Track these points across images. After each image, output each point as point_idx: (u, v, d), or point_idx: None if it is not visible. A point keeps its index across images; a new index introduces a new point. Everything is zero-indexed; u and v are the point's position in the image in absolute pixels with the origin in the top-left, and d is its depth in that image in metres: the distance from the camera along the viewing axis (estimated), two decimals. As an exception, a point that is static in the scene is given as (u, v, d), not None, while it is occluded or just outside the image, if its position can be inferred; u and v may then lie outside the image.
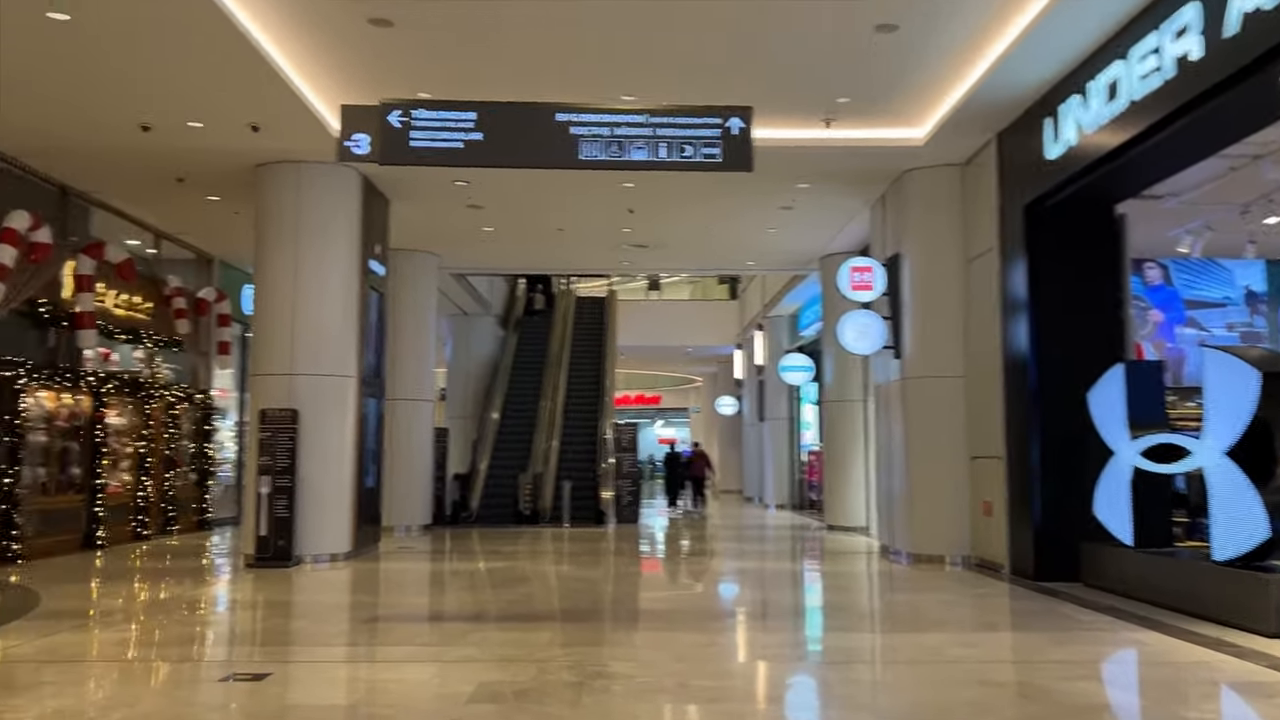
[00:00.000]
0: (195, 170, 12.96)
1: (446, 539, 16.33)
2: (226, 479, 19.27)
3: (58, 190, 13.52)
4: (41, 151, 12.24)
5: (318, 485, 12.32)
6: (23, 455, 12.46)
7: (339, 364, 12.68)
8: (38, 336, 13.33)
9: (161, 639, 7.54)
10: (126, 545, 14.50)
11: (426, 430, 17.84)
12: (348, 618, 8.60)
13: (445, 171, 12.91)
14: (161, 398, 16.16)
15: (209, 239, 17.18)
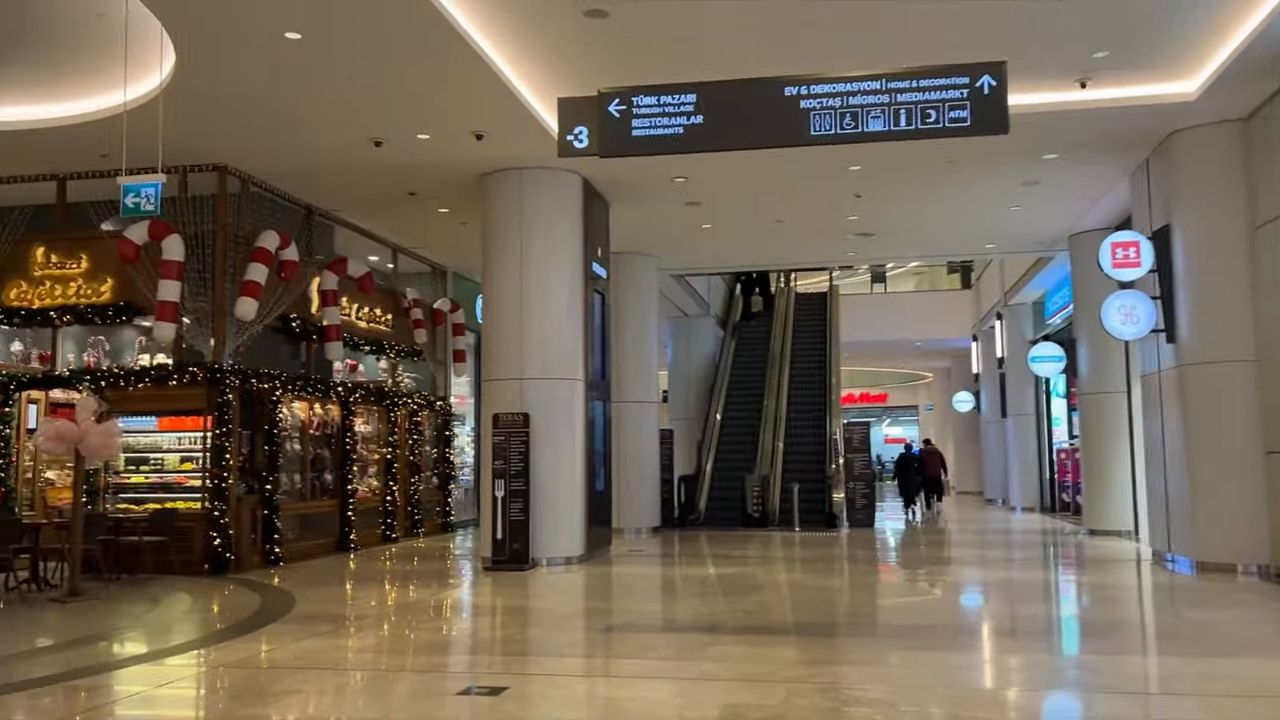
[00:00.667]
0: (425, 183, 13.33)
1: (675, 542, 16.09)
2: (466, 482, 19.95)
3: (303, 210, 14.30)
4: (288, 174, 12.93)
5: (549, 488, 12.34)
6: (281, 463, 13.20)
7: (566, 367, 12.66)
8: (290, 350, 14.14)
9: (404, 645, 7.58)
10: (376, 548, 15.14)
11: (652, 432, 17.70)
12: (583, 626, 8.41)
13: (663, 169, 12.65)
14: (404, 405, 16.84)
15: (442, 251, 17.77)
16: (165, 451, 12.60)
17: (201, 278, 12.31)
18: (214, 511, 11.93)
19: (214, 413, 12.10)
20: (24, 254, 12.83)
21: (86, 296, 12.64)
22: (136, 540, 11.22)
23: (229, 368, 12.20)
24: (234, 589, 10.66)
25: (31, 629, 8.48)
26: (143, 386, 12.20)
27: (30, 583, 10.45)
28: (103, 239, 12.30)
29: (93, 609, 9.29)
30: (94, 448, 9.63)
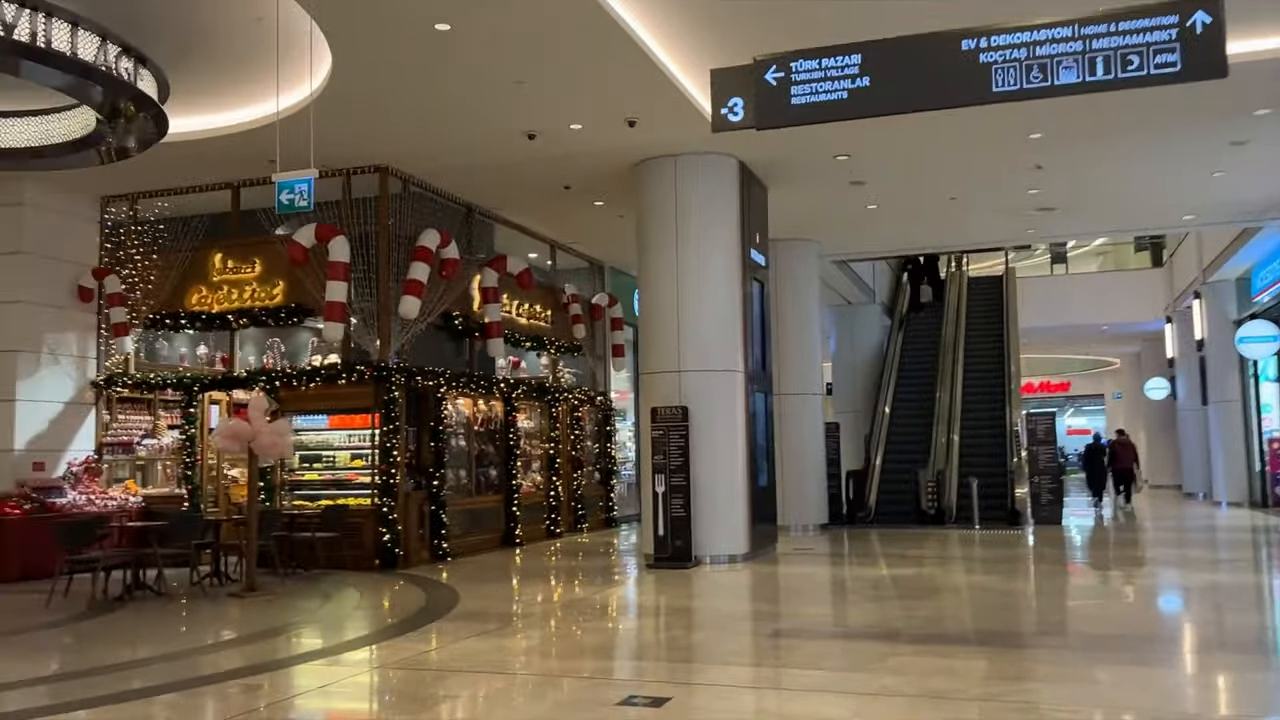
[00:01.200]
0: (580, 176, 13.17)
1: (844, 540, 15.40)
2: (628, 477, 19.81)
3: (463, 209, 14.40)
4: (446, 173, 13.01)
5: (710, 484, 11.95)
6: (446, 459, 13.32)
7: (725, 359, 12.22)
8: (453, 347, 14.27)
9: (566, 648, 7.34)
10: (541, 543, 15.14)
11: (816, 425, 17.03)
12: (749, 630, 7.96)
13: (825, 147, 12.05)
14: (565, 401, 16.80)
15: (599, 246, 17.65)
16: (336, 449, 12.91)
17: (367, 278, 12.53)
18: (383, 508, 12.11)
19: (381, 410, 12.29)
20: (203, 260, 13.41)
21: (260, 300, 13.09)
22: (310, 536, 11.50)
23: (395, 366, 12.38)
24: (401, 585, 10.76)
25: (211, 623, 8.72)
26: (314, 386, 12.53)
27: (212, 577, 10.84)
28: (274, 243, 12.70)
29: (268, 604, 9.51)
30: (266, 446, 9.86)
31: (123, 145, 9.43)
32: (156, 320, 13.40)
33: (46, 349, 12.90)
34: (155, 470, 14.07)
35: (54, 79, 8.08)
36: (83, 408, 13.38)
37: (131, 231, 13.64)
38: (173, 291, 13.38)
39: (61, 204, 13.15)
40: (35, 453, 12.66)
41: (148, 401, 14.55)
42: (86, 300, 13.36)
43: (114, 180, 13.14)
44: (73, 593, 9.76)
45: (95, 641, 7.98)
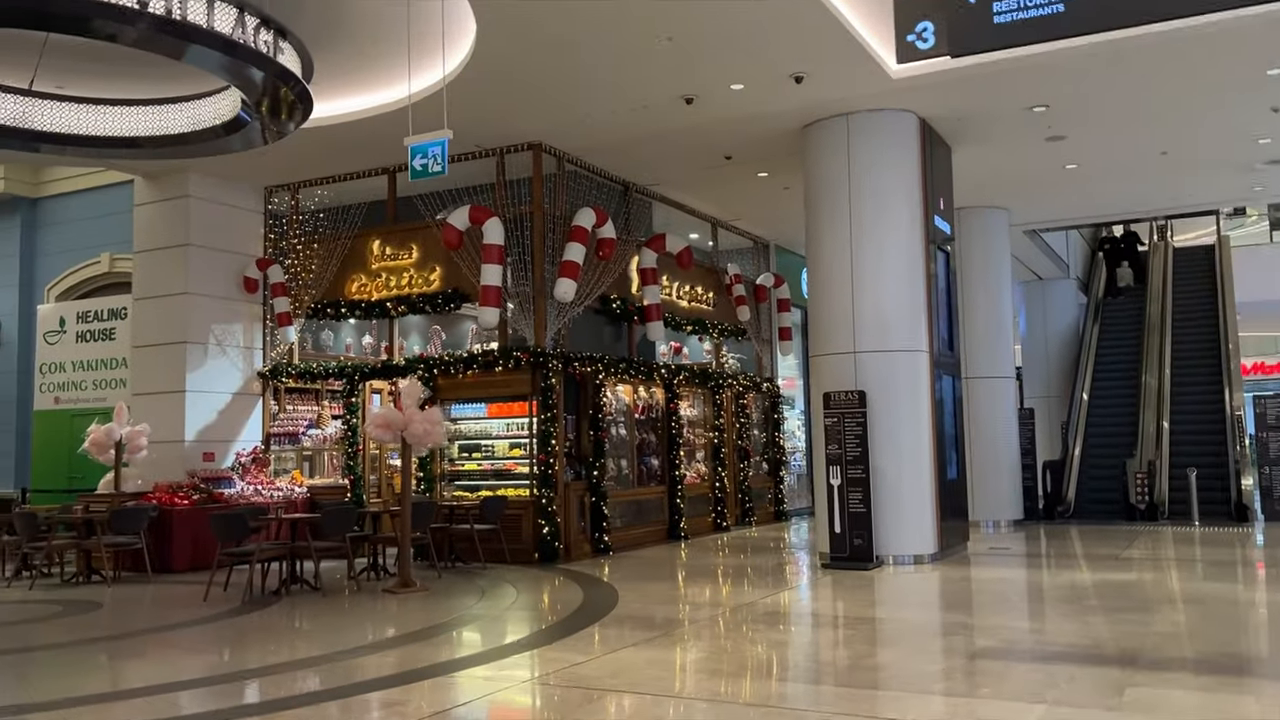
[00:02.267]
0: (742, 143, 12.24)
1: (1042, 538, 13.90)
2: (798, 468, 18.76)
3: (620, 187, 13.73)
4: (602, 148, 12.33)
5: (893, 476, 10.82)
6: (607, 448, 12.70)
7: (907, 337, 11.04)
8: (612, 331, 13.63)
9: (733, 664, 6.49)
10: (707, 536, 14.34)
11: (1009, 411, 15.51)
12: (944, 648, 6.88)
13: (1019, 96, 10.69)
14: (730, 387, 15.93)
15: (762, 223, 16.66)
16: (495, 438, 12.48)
17: (521, 261, 12.03)
18: (542, 499, 11.59)
19: (538, 397, 11.77)
20: (361, 248, 13.25)
21: (418, 285, 12.80)
22: (468, 528, 11.09)
23: (551, 351, 11.82)
24: (560, 582, 10.17)
25: (359, 622, 8.33)
26: (471, 373, 12.12)
27: (369, 571, 10.56)
28: (430, 228, 12.37)
29: (421, 601, 9.08)
30: (418, 435, 9.44)
31: (270, 127, 9.16)
32: (318, 309, 13.34)
33: (214, 340, 13.04)
34: (322, 460, 14.07)
35: (212, 61, 7.81)
36: (250, 398, 13.48)
37: (293, 221, 13.64)
38: (333, 280, 13.29)
39: (226, 196, 13.25)
40: (205, 443, 12.80)
41: (315, 392, 14.62)
42: (251, 291, 13.43)
43: (275, 171, 13.15)
44: (233, 585, 9.65)
45: (238, 641, 7.70)
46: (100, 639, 7.65)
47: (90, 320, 14.10)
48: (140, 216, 13.20)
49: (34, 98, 9.10)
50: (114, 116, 9.28)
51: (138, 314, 13.14)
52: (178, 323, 12.76)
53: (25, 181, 15.09)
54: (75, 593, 9.99)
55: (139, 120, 9.34)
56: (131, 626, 8.20)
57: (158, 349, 12.87)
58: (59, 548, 10.60)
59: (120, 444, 11.77)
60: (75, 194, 14.98)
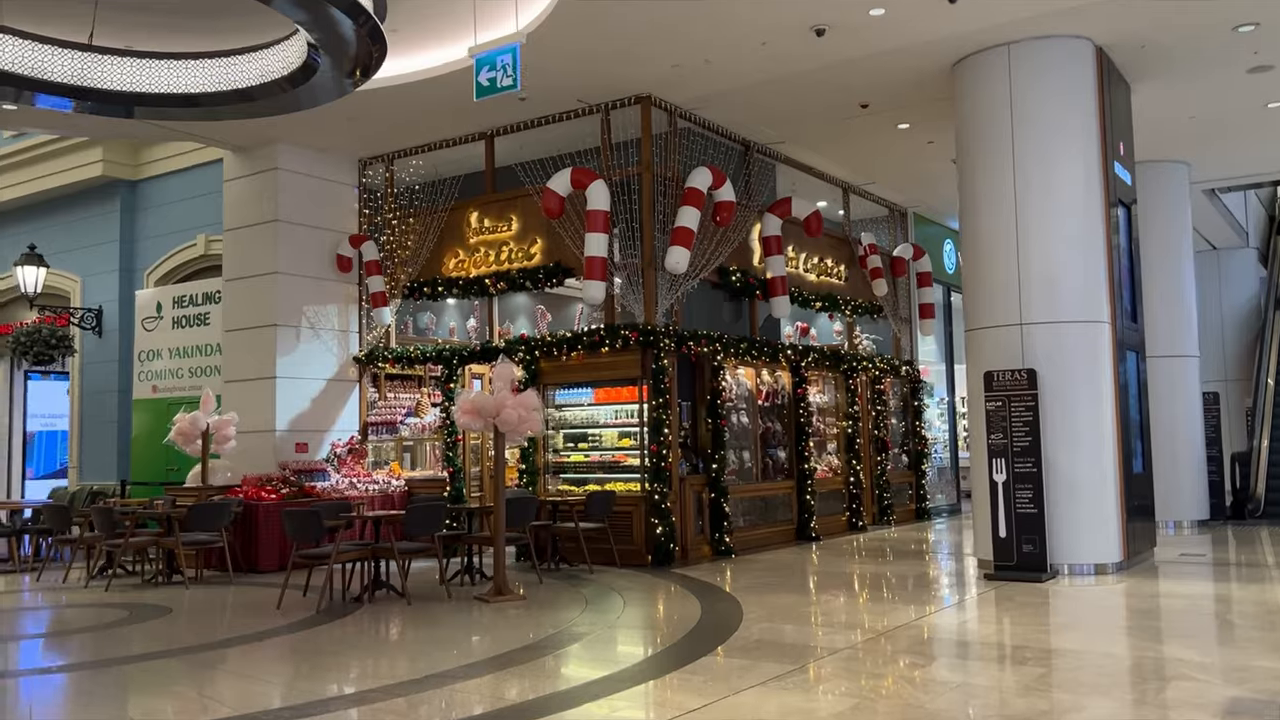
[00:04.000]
0: (881, 87, 10.67)
1: (1232, 541, 11.89)
2: (939, 461, 17.00)
3: (740, 146, 12.31)
4: (719, 98, 10.94)
5: (1068, 470, 9.12)
6: (727, 438, 11.34)
7: (1084, 306, 9.30)
8: (731, 308, 12.24)
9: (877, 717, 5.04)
10: (840, 538, 12.81)
11: (1192, 395, 13.45)
12: (1172, 698, 5.25)
13: (1220, 12, 8.81)
14: (865, 371, 14.33)
15: (900, 186, 14.96)
16: (602, 427, 11.26)
17: (630, 229, 10.75)
18: (655, 494, 10.31)
19: (649, 381, 10.49)
20: (459, 221, 12.21)
21: (517, 259, 11.67)
22: (573, 527, 9.90)
23: (663, 329, 10.51)
24: (674, 591, 8.86)
25: (446, 637, 7.19)
26: (575, 355, 10.92)
27: (463, 574, 9.47)
28: (531, 196, 11.23)
29: (517, 612, 7.90)
30: (511, 422, 8.26)
31: (340, 70, 8.10)
32: (414, 288, 12.36)
33: (306, 322, 12.20)
34: (423, 451, 13.13)
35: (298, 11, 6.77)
36: (345, 385, 12.62)
37: (388, 194, 12.71)
38: (430, 256, 12.29)
39: (317, 168, 12.39)
40: (297, 433, 11.99)
41: (417, 379, 13.72)
42: (345, 270, 12.56)
43: (368, 140, 12.24)
44: (314, 588, 8.68)
45: (301, 661, 6.65)
46: (147, 656, 6.70)
47: (185, 305, 13.52)
48: (230, 193, 12.47)
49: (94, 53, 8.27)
50: (175, 71, 8.38)
51: (228, 296, 12.43)
52: (267, 305, 11.97)
53: (124, 163, 14.64)
54: (150, 595, 9.21)
55: (201, 75, 8.41)
56: (188, 640, 7.25)
57: (248, 333, 12.12)
58: (137, 545, 9.87)
59: (207, 434, 11.01)
60: (173, 175, 14.44)
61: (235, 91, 8.47)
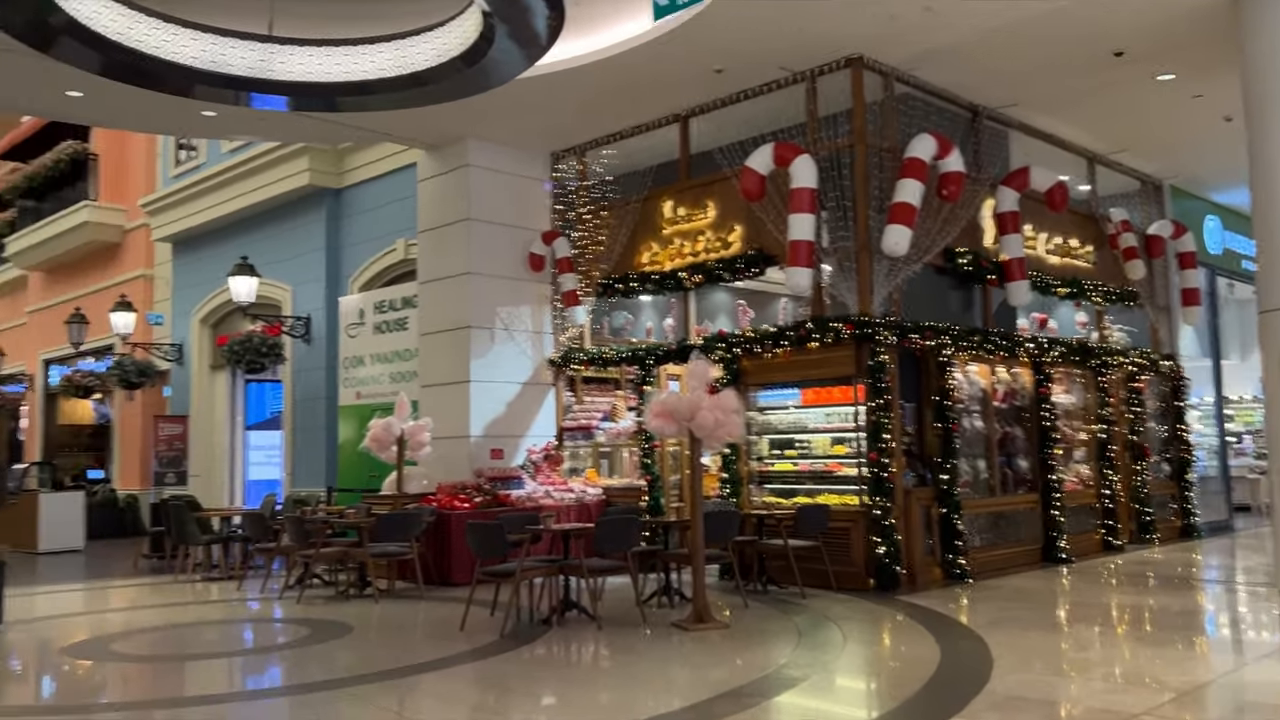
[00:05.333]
0: (1139, 29, 9.01)
1: None
2: (1202, 470, 14.67)
3: (966, 112, 10.85)
4: (940, 56, 9.57)
5: None
6: (958, 445, 9.91)
7: None
8: (960, 296, 10.78)
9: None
10: (1094, 560, 11.05)
11: None
12: None
13: None
14: (1119, 367, 12.43)
15: (1156, 154, 12.96)
16: (812, 432, 10.09)
17: (840, 208, 9.56)
18: (875, 509, 9.06)
19: (866, 380, 9.25)
20: (652, 212, 11.37)
21: (715, 249, 10.69)
22: (781, 544, 8.81)
23: (881, 320, 9.25)
24: (902, 622, 7.61)
25: (636, 673, 6.28)
26: (780, 352, 9.81)
27: (662, 594, 8.56)
28: (729, 180, 10.23)
29: (718, 644, 6.91)
30: (707, 426, 7.28)
31: (519, 45, 7.40)
32: (607, 285, 11.63)
33: (500, 324, 11.71)
34: (620, 458, 12.40)
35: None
36: (540, 388, 12.04)
37: (580, 188, 12.05)
38: (623, 251, 11.53)
39: (508, 164, 11.89)
40: (492, 439, 11.49)
41: (614, 381, 13.02)
42: (538, 269, 11.99)
43: (559, 132, 11.64)
44: (503, 605, 7.99)
45: (474, 698, 5.90)
46: (309, 687, 6.12)
47: (385, 310, 13.40)
48: (424, 193, 12.19)
49: (272, 43, 7.95)
50: (351, 58, 7.92)
51: (423, 299, 12.14)
52: (461, 307, 11.56)
53: (328, 171, 14.79)
54: (337, 610, 8.83)
55: (375, 60, 7.91)
56: (358, 666, 6.66)
57: (442, 336, 11.76)
58: (327, 556, 9.58)
59: (402, 440, 10.66)
60: (373, 181, 14.44)
61: (410, 76, 7.94)
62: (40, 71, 9.00)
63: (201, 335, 17.40)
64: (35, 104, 10.73)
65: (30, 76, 9.30)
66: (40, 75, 9.20)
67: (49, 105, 10.66)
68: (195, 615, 9.22)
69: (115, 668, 6.94)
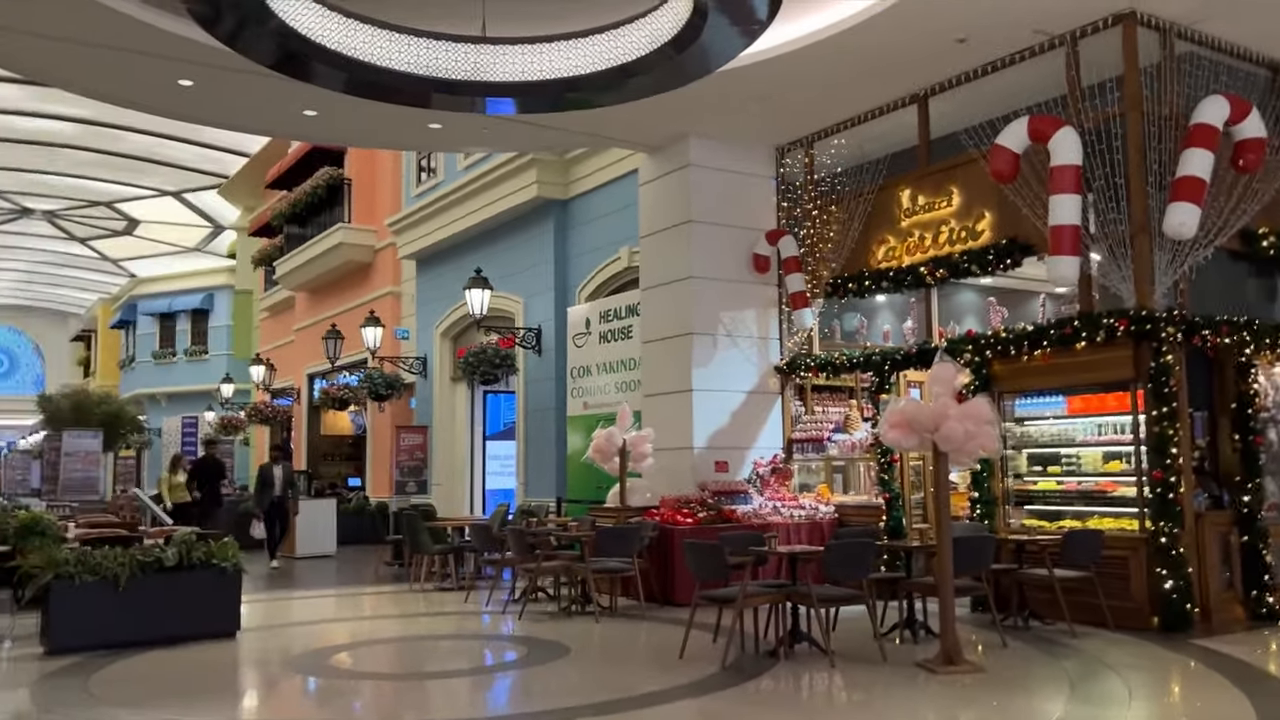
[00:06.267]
0: None
1: None
2: None
3: (1265, 72, 9.22)
4: (1233, 6, 8.12)
5: None
6: (1263, 460, 8.35)
7: None
8: (1262, 285, 9.14)
9: None
10: None
11: None
12: None
13: None
14: None
15: None
16: (1080, 445, 8.81)
17: (1111, 187, 8.29)
18: (1159, 536, 7.73)
19: (1146, 384, 7.93)
20: (886, 203, 10.44)
21: (959, 241, 9.62)
22: (1045, 574, 7.67)
23: (1164, 315, 7.91)
24: (1197, 673, 6.37)
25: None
26: (1040, 354, 8.62)
27: (905, 627, 7.64)
28: (976, 162, 9.17)
29: (972, 691, 5.97)
30: (954, 439, 6.35)
31: (733, 23, 6.79)
32: (837, 285, 10.79)
33: (723, 330, 11.12)
34: (855, 472, 11.48)
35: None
36: (767, 397, 11.36)
37: (807, 183, 11.29)
38: (854, 248, 10.66)
39: (730, 161, 11.31)
40: (716, 450, 10.91)
41: (847, 389, 12.16)
42: (763, 270, 11.32)
43: (784, 124, 10.96)
44: (725, 630, 7.35)
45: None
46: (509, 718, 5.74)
47: (610, 319, 13.16)
48: (645, 197, 11.83)
49: (485, 44, 7.76)
50: (564, 54, 7.59)
51: (645, 306, 11.77)
52: (683, 312, 11.07)
53: (555, 183, 14.80)
54: (556, 628, 8.51)
55: (588, 54, 7.53)
56: (566, 697, 6.19)
57: (664, 344, 11.33)
58: (548, 571, 9.31)
59: (624, 451, 10.30)
60: (597, 190, 14.29)
61: (620, 68, 7.50)
62: (279, 92, 9.34)
63: (443, 348, 17.94)
64: (276, 125, 11.23)
65: (269, 97, 9.66)
66: (279, 96, 9.53)
67: (288, 125, 11.13)
68: (416, 628, 9.20)
69: (326, 684, 6.88)
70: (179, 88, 9.23)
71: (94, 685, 6.36)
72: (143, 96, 9.71)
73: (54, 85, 9.47)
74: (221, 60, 8.42)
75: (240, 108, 9.99)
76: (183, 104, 9.68)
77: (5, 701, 6.25)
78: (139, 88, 9.39)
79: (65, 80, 9.25)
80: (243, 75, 8.88)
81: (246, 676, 7.02)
